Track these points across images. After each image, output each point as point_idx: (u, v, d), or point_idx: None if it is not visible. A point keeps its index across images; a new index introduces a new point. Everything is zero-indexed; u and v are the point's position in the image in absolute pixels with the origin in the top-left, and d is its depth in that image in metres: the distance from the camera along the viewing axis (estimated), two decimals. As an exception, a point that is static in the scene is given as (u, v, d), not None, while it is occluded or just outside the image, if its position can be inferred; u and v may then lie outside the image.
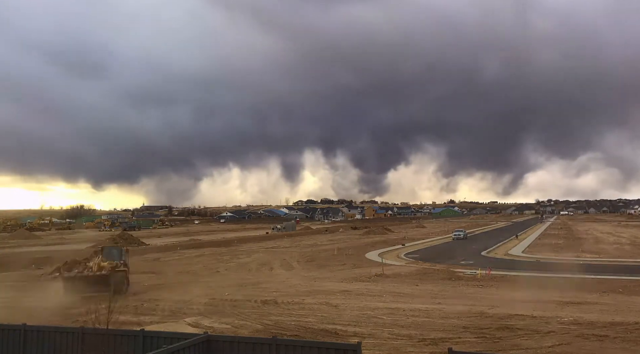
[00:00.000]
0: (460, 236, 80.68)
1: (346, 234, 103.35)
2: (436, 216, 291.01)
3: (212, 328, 19.70)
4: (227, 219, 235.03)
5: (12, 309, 25.38)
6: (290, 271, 42.73)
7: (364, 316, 22.22)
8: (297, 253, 58.70)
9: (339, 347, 12.56)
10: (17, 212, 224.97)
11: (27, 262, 51.40)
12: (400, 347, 17.23)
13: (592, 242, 69.96)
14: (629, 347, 16.79)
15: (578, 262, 45.90)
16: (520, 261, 47.64)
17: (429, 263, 46.15)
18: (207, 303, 26.14)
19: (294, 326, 20.52)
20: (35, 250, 68.89)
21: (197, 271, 42.88)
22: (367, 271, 39.57)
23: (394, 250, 61.62)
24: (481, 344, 17.41)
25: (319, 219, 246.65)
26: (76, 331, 14.15)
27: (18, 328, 14.74)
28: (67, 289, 29.04)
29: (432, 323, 20.68)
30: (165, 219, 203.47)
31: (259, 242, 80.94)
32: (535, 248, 61.90)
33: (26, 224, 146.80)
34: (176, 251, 65.43)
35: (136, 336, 13.53)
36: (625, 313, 22.26)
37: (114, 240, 76.77)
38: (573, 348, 16.82)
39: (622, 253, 54.01)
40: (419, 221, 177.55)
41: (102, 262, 31.00)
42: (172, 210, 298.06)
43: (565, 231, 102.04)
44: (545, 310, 22.95)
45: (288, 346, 12.31)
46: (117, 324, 15.27)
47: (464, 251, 59.09)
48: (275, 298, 27.38)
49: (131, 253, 61.15)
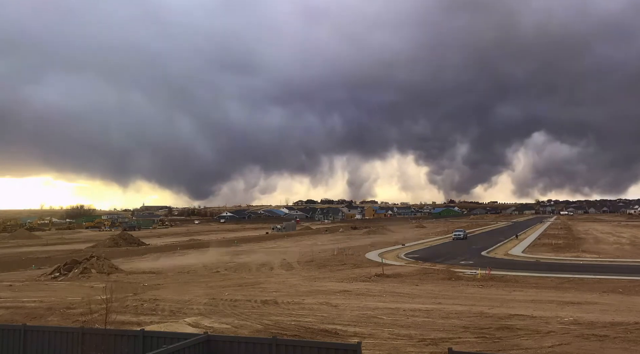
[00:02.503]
0: (460, 236, 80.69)
1: (346, 234, 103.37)
2: (436, 216, 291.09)
3: (212, 328, 19.68)
4: (227, 219, 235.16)
5: (12, 309, 25.41)
6: (290, 271, 42.73)
7: (364, 316, 22.20)
8: (297, 253, 58.70)
9: (339, 347, 12.54)
10: (17, 212, 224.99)
11: (27, 262, 51.44)
12: (400, 347, 17.21)
13: (592, 243, 69.97)
14: (629, 347, 16.78)
15: (578, 262, 45.93)
16: (520, 261, 47.63)
17: (429, 263, 46.16)
18: (207, 303, 26.13)
19: (294, 326, 20.50)
20: (35, 250, 68.94)
21: (197, 271, 42.90)
22: (367, 271, 39.57)
23: (394, 250, 61.63)
24: (481, 344, 17.39)
25: (318, 219, 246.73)
26: (76, 331, 14.14)
27: (18, 328, 14.75)
28: None
29: (432, 323, 20.67)
30: (165, 219, 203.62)
31: (259, 243, 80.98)
32: (535, 248, 61.89)
33: (26, 224, 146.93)
34: (176, 250, 65.41)
35: (136, 336, 13.52)
36: (625, 313, 22.24)
37: (114, 240, 76.87)
38: (573, 348, 16.80)
39: (622, 253, 54.02)
40: (419, 221, 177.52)
41: None
42: (172, 210, 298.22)
43: (565, 231, 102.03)
44: (545, 310, 22.94)
45: (288, 346, 12.30)
46: (117, 324, 15.28)
47: (464, 251, 59.11)
48: (275, 298, 27.37)
49: (131, 253, 61.43)
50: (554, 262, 46.62)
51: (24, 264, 49.71)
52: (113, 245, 73.06)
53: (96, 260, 42.12)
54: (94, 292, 30.62)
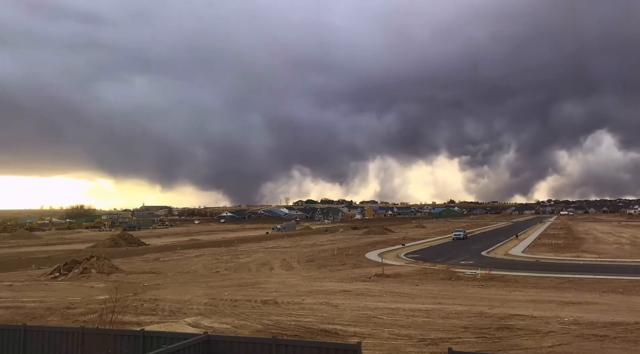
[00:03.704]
0: (460, 236, 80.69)
1: (346, 234, 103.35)
2: (436, 216, 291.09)
3: (212, 328, 19.68)
4: (227, 219, 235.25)
5: (12, 309, 25.41)
6: (290, 271, 42.73)
7: (364, 316, 22.20)
8: (297, 253, 58.69)
9: (339, 347, 12.54)
10: (17, 212, 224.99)
11: (27, 262, 51.43)
12: (400, 347, 17.21)
13: (592, 243, 69.97)
14: (629, 347, 16.77)
15: (578, 262, 45.93)
16: (520, 261, 47.62)
17: (429, 263, 46.16)
18: (207, 303, 26.12)
19: (294, 326, 20.50)
20: (35, 250, 68.94)
21: (197, 271, 42.89)
22: (367, 271, 39.56)
23: (394, 250, 61.62)
24: (481, 344, 17.39)
25: (318, 219, 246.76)
26: (76, 331, 14.14)
27: (18, 328, 14.74)
28: None
29: (432, 323, 20.67)
30: (165, 219, 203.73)
31: (259, 242, 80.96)
32: (535, 248, 61.88)
33: (26, 224, 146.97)
34: (176, 251, 65.41)
35: (136, 336, 13.53)
36: (625, 313, 22.23)
37: (114, 240, 76.87)
38: (573, 348, 16.80)
39: (622, 253, 54.01)
40: (419, 221, 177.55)
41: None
42: (172, 210, 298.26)
43: (565, 231, 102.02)
44: (545, 310, 22.94)
45: (288, 346, 12.30)
46: (117, 324, 15.27)
47: (464, 251, 59.11)
48: (275, 298, 27.37)
49: (131, 253, 61.41)
50: (554, 262, 46.63)
51: (24, 264, 49.70)
52: (113, 245, 73.05)
53: (96, 260, 42.10)
54: (94, 292, 30.71)
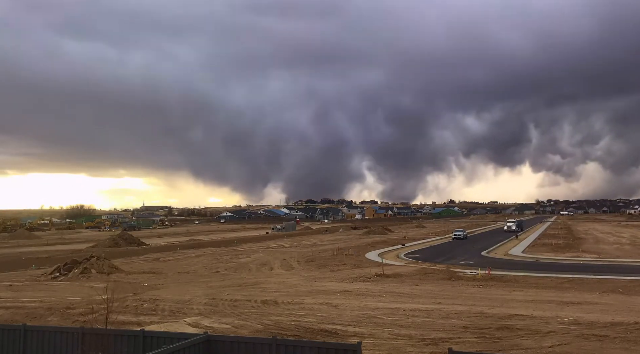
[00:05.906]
0: (460, 236, 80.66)
1: (346, 234, 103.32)
2: (436, 216, 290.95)
3: (212, 328, 19.69)
4: (227, 219, 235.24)
5: (12, 309, 25.41)
6: (290, 271, 42.72)
7: (364, 316, 22.21)
8: (297, 253, 58.67)
9: (339, 347, 12.55)
10: (17, 212, 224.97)
11: (27, 262, 51.42)
12: (400, 347, 17.22)
13: (592, 243, 69.96)
14: (629, 347, 16.78)
15: (578, 262, 45.92)
16: (520, 261, 47.62)
17: (429, 263, 46.16)
18: (207, 303, 26.13)
19: (294, 326, 20.51)
20: (35, 250, 68.93)
21: (197, 271, 42.89)
22: (367, 271, 39.55)
23: (394, 250, 61.61)
24: (481, 344, 17.40)
25: (319, 219, 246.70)
26: (76, 331, 14.15)
27: (18, 328, 14.74)
28: None
29: (432, 323, 20.67)
30: (165, 219, 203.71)
31: (259, 243, 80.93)
32: (535, 248, 61.87)
33: (26, 224, 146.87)
34: (176, 251, 65.39)
35: (136, 336, 13.54)
36: (625, 313, 22.24)
37: (114, 240, 76.84)
38: (573, 348, 16.81)
39: (622, 253, 54.01)
40: (419, 221, 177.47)
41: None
42: (172, 210, 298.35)
43: (565, 231, 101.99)
44: (545, 310, 22.95)
45: (288, 346, 12.31)
46: (117, 324, 15.28)
47: (464, 251, 59.09)
48: (275, 298, 27.37)
49: (131, 253, 61.40)
50: (554, 262, 46.62)
51: (24, 264, 49.66)
52: (113, 245, 73.00)
53: (96, 260, 42.08)
54: (94, 292, 30.64)
